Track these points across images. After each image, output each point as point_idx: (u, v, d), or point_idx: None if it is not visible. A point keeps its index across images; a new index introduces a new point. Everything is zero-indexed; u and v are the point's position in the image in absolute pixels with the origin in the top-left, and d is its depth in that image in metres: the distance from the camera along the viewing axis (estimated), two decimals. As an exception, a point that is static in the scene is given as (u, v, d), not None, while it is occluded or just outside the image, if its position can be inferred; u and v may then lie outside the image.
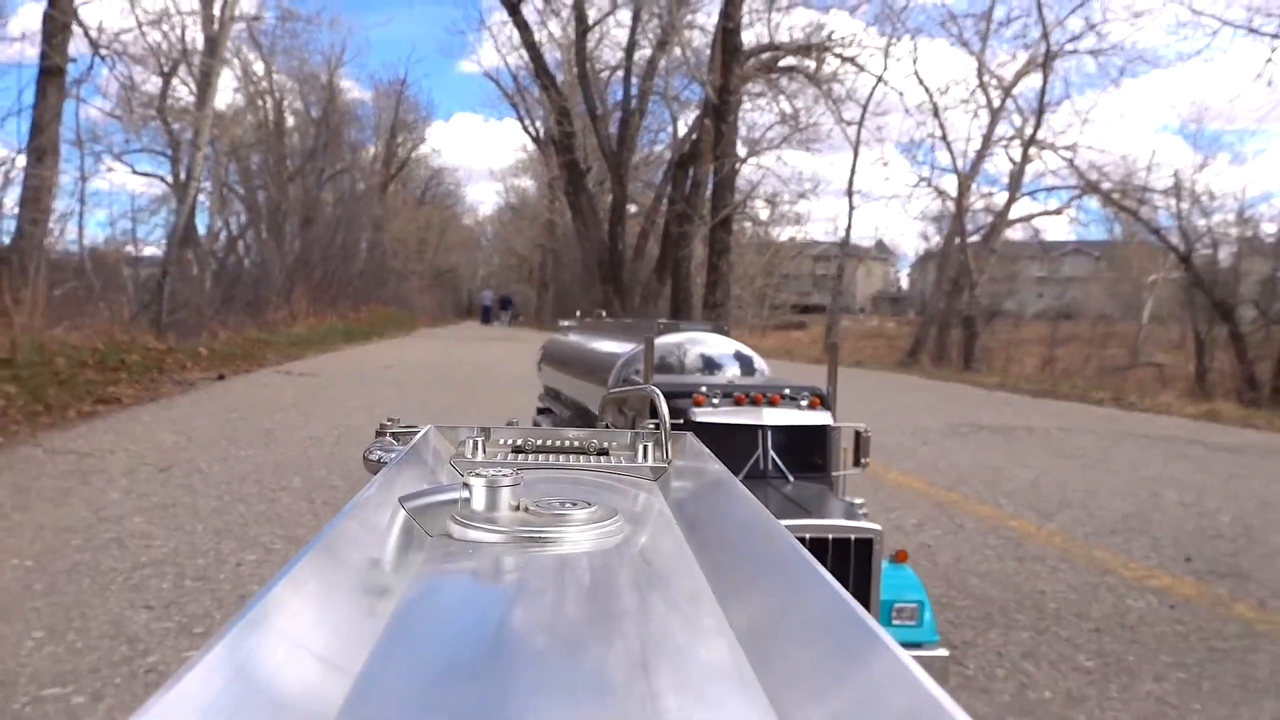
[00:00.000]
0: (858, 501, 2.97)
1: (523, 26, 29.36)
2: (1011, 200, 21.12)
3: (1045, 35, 19.79)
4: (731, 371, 4.07)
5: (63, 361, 8.04)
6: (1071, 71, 26.98)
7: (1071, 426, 9.80)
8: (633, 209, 34.24)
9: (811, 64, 23.78)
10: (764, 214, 33.13)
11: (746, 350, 4.21)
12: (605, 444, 1.05)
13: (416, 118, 44.63)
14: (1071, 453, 8.08)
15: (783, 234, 35.90)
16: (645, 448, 1.01)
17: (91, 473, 5.57)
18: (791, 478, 3.07)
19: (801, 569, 0.52)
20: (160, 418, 7.87)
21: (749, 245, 34.66)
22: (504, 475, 0.68)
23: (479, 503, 0.67)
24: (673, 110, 30.64)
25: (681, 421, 2.84)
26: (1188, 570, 4.53)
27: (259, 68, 26.30)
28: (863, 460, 3.26)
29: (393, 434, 1.06)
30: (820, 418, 3.16)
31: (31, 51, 12.57)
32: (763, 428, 3.09)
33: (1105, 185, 19.27)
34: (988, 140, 20.83)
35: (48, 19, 12.82)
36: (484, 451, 1.01)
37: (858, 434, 3.22)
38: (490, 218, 63.87)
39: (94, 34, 14.41)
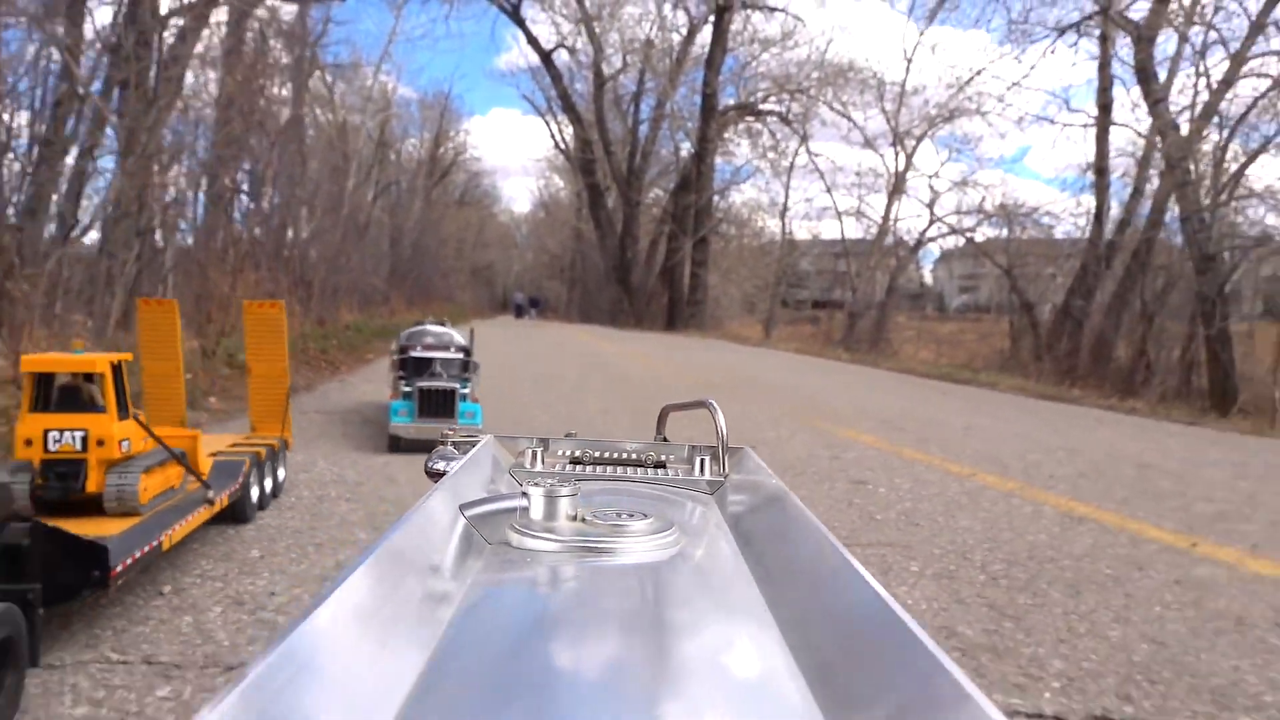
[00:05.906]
0: (463, 392, 6.56)
1: (556, 78, 36.29)
2: (884, 228, 27.83)
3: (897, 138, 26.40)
4: (439, 343, 7.31)
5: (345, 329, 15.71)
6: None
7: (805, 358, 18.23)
8: (656, 211, 39.92)
9: (785, 106, 30.46)
10: (763, 225, 38.42)
11: (451, 332, 7.64)
12: (663, 457, 1.06)
13: (458, 128, 46.96)
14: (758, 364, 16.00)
15: (796, 233, 39.52)
16: (702, 461, 1.00)
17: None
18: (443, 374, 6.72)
19: (855, 585, 0.52)
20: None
21: (750, 248, 39.77)
22: (562, 486, 0.69)
23: (537, 512, 0.68)
24: (676, 143, 37.28)
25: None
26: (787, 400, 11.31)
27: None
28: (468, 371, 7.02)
29: (454, 443, 1.07)
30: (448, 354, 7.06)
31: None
32: (424, 359, 6.91)
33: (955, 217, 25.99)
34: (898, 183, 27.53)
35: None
36: (542, 462, 1.01)
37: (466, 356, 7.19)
38: (525, 216, 68.68)
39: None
